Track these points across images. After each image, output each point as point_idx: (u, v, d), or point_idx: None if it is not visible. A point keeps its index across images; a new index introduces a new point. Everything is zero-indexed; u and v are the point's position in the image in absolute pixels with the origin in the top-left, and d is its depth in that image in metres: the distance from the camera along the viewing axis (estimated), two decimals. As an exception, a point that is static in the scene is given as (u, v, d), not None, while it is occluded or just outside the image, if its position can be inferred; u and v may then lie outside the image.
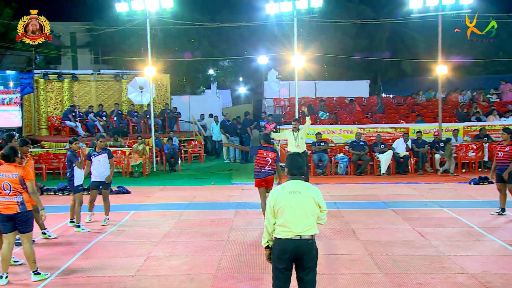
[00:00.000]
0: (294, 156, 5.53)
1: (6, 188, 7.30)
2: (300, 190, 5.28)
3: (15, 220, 7.36)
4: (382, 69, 33.71)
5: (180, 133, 23.39)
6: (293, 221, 5.18)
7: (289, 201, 5.22)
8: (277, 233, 5.26)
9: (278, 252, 5.24)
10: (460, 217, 10.94)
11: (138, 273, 7.65)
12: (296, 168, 5.43)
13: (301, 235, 5.19)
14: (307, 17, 19.23)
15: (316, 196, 5.32)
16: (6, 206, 7.31)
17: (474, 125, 19.99)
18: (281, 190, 5.34)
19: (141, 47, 26.39)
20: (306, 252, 5.23)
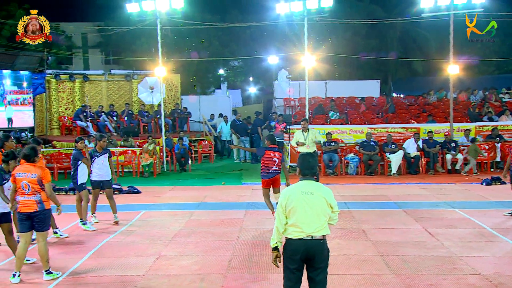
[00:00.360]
0: (306, 156, 5.51)
1: (24, 187, 7.39)
2: (312, 191, 5.26)
3: (33, 219, 7.43)
4: (393, 69, 33.55)
5: (191, 133, 23.44)
6: (304, 221, 5.17)
7: (301, 202, 5.20)
8: (289, 233, 5.24)
9: (290, 252, 5.22)
10: (472, 217, 10.86)
11: (148, 273, 7.67)
12: (308, 169, 5.40)
13: (313, 235, 5.17)
14: (317, 17, 19.19)
15: (328, 196, 5.30)
16: (25, 204, 7.39)
17: (486, 125, 19.84)
18: (293, 190, 5.31)
19: (151, 47, 26.49)
20: (318, 252, 5.21)
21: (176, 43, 29.83)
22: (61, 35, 32.05)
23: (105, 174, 10.92)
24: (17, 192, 7.45)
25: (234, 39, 33.06)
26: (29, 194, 7.38)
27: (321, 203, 5.25)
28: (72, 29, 33.73)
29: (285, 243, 5.29)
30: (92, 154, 10.88)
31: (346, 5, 30.35)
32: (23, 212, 7.40)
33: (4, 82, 20.08)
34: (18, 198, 7.44)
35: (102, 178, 10.89)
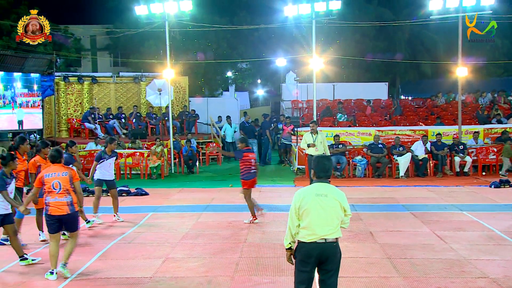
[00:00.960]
0: (321, 158, 5.47)
1: (55, 186, 7.45)
2: (327, 193, 5.25)
3: (64, 221, 7.54)
4: (401, 71, 33.46)
5: (198, 135, 23.48)
6: (318, 224, 5.15)
7: (315, 204, 5.18)
8: (302, 236, 5.21)
9: (303, 255, 5.20)
10: (481, 220, 10.80)
11: (156, 275, 7.69)
12: (323, 171, 5.36)
13: (326, 238, 5.16)
14: (325, 19, 19.20)
15: (341, 199, 5.29)
16: (56, 206, 7.44)
17: (494, 127, 19.73)
18: (307, 192, 5.30)
19: (160, 50, 26.56)
20: (331, 255, 5.20)
21: (184, 45, 29.90)
22: (70, 38, 32.20)
23: (109, 174, 11.15)
24: (47, 193, 7.49)
25: (242, 41, 33.08)
26: (60, 194, 7.44)
27: (335, 205, 5.24)
28: (81, 31, 33.88)
29: (297, 246, 5.28)
30: (102, 156, 11.00)
31: (354, 7, 30.31)
32: (54, 214, 7.45)
33: (15, 85, 20.20)
34: (48, 199, 7.48)
35: (105, 178, 11.08)
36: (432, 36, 31.60)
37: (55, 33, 28.98)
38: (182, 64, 27.47)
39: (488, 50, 30.66)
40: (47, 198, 7.49)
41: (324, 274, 5.26)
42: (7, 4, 28.66)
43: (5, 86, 19.75)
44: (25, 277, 7.66)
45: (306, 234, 5.18)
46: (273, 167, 20.48)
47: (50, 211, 7.45)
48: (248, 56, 32.21)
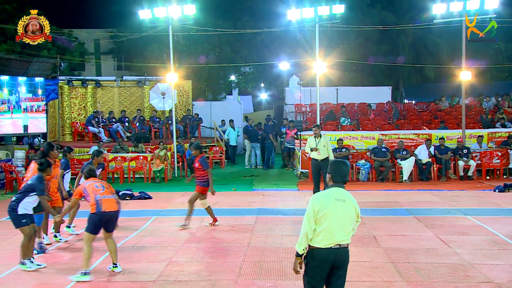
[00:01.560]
0: (339, 163, 5.40)
1: (98, 186, 7.86)
2: (344, 199, 5.21)
3: (112, 219, 7.86)
4: (405, 75, 33.46)
5: (202, 139, 23.49)
6: (334, 229, 5.10)
7: (334, 208, 5.12)
8: (316, 242, 5.13)
9: (318, 261, 5.13)
10: (485, 225, 10.76)
11: (159, 279, 7.68)
12: (341, 176, 5.32)
13: (341, 243, 5.13)
14: (328, 23, 19.20)
15: (357, 206, 5.27)
16: (109, 203, 7.77)
17: (498, 131, 19.69)
18: (326, 196, 5.22)
19: (163, 54, 26.65)
20: (344, 260, 5.19)
21: (188, 49, 29.99)
22: (74, 42, 32.33)
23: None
24: (92, 194, 7.75)
25: (246, 45, 33.15)
26: (105, 192, 7.80)
27: (351, 211, 5.21)
28: (85, 35, 34.02)
29: (311, 252, 5.19)
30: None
31: (358, 11, 30.35)
32: (108, 211, 7.72)
33: (19, 89, 20.27)
34: (97, 198, 7.72)
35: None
36: (435, 39, 31.60)
37: (59, 37, 29.13)
38: (186, 68, 27.53)
39: (492, 53, 30.65)
40: (96, 196, 7.73)
41: (334, 278, 5.21)
42: (12, 9, 28.81)
43: (9, 90, 19.82)
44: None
45: (322, 240, 5.11)
46: (276, 171, 20.46)
47: (104, 208, 7.69)
48: (251, 60, 32.27)
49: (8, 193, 16.23)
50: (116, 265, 8.01)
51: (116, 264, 8.01)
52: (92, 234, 7.73)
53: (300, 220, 11.58)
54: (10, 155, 18.71)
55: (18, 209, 8.05)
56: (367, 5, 32.67)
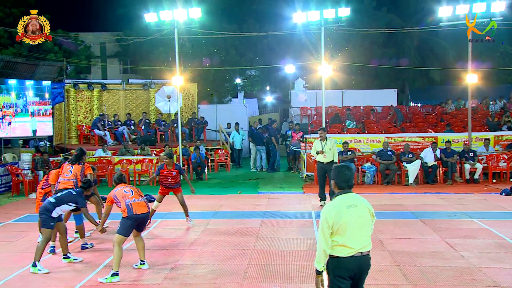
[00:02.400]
0: (341, 168, 5.24)
1: (127, 191, 8.11)
2: (356, 203, 5.10)
3: (143, 220, 8.15)
4: (411, 78, 33.35)
5: (207, 142, 23.52)
6: (354, 238, 5.00)
7: (349, 217, 5.00)
8: (338, 251, 5.01)
9: (342, 271, 5.01)
10: (491, 228, 10.71)
11: (164, 282, 7.69)
12: (345, 181, 5.16)
13: (362, 251, 5.04)
14: (334, 26, 19.18)
15: (369, 206, 5.20)
16: (140, 205, 8.03)
17: (505, 134, 19.60)
18: (337, 206, 5.06)
19: (169, 57, 26.68)
20: (366, 268, 5.14)
21: (193, 53, 30.03)
22: (80, 45, 32.46)
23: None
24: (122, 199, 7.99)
25: (251, 48, 33.16)
26: (135, 196, 8.06)
27: (366, 214, 5.14)
28: (91, 39, 34.16)
29: (333, 261, 5.06)
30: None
31: (363, 14, 30.31)
32: (140, 213, 7.98)
33: (26, 93, 20.36)
34: (127, 202, 7.96)
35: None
36: (441, 42, 31.50)
37: (65, 40, 29.26)
38: (191, 71, 27.57)
39: (498, 56, 30.52)
40: (126, 201, 7.97)
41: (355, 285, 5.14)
42: (19, 12, 28.96)
43: (17, 94, 19.92)
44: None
45: (343, 250, 4.99)
46: (282, 174, 20.45)
47: (135, 211, 7.93)
48: (257, 63, 32.28)
49: (14, 196, 16.29)
50: (144, 262, 8.34)
51: (143, 261, 8.35)
52: (124, 236, 7.93)
53: (305, 223, 11.64)
54: (17, 158, 18.80)
55: (53, 212, 8.40)
56: (373, 8, 32.59)
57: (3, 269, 8.44)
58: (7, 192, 16.83)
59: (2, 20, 28.57)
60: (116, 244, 7.85)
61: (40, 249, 8.27)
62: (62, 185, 9.71)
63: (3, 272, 8.27)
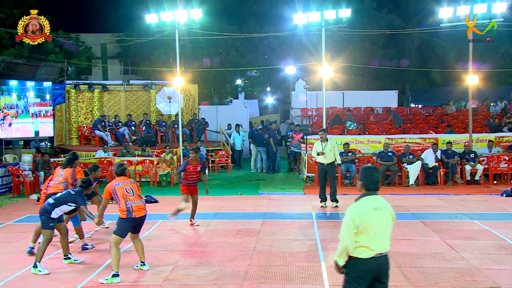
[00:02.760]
0: (371, 170, 5.29)
1: (129, 191, 7.97)
2: (381, 206, 5.14)
3: (141, 223, 8.11)
4: (411, 79, 33.36)
5: (208, 143, 23.51)
6: (377, 239, 5.02)
7: (375, 219, 5.03)
8: (358, 253, 5.03)
9: (361, 272, 5.02)
10: (492, 229, 10.71)
11: (165, 282, 7.69)
12: (373, 183, 5.18)
13: (382, 252, 5.05)
14: (335, 27, 19.17)
15: (392, 210, 5.22)
16: (138, 208, 7.95)
17: (506, 135, 19.59)
18: (364, 207, 5.09)
19: (170, 58, 26.71)
20: (386, 269, 5.13)
21: (194, 54, 30.05)
22: (81, 46, 32.50)
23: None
24: (123, 200, 7.90)
25: (252, 50, 33.19)
26: (135, 198, 7.95)
27: (388, 218, 5.17)
28: (92, 40, 34.22)
29: (352, 262, 5.07)
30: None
31: (364, 15, 30.32)
32: (138, 216, 7.94)
33: (27, 94, 20.38)
34: (128, 204, 7.87)
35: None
36: (442, 43, 31.52)
37: (66, 42, 29.28)
38: (192, 72, 27.59)
39: (499, 57, 30.52)
40: (127, 203, 7.88)
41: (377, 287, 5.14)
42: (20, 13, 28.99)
43: (18, 95, 19.94)
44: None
45: (364, 251, 5.01)
46: (282, 175, 20.45)
47: (135, 214, 7.88)
48: (257, 64, 32.30)
49: (15, 197, 16.30)
50: (144, 263, 8.32)
51: (144, 262, 8.33)
52: (120, 237, 7.91)
53: (306, 225, 11.63)
54: (18, 159, 18.80)
55: (52, 213, 8.39)
56: (373, 9, 32.62)
57: (4, 269, 8.45)
58: (8, 193, 16.84)
59: (3, 21, 28.62)
60: (113, 245, 7.84)
61: (41, 250, 8.28)
62: (52, 189, 9.56)
63: (4, 272, 8.27)
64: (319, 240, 10.00)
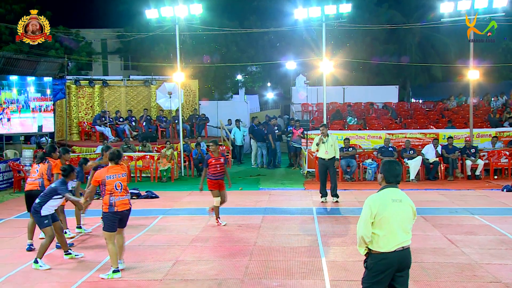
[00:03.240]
0: (393, 163, 5.33)
1: (118, 187, 7.86)
2: (401, 198, 5.16)
3: (126, 216, 8.03)
4: (412, 75, 33.34)
5: (208, 139, 23.44)
6: (396, 231, 5.04)
7: (393, 210, 5.07)
8: (379, 246, 5.07)
9: (382, 266, 5.05)
10: (493, 224, 10.71)
11: (166, 278, 7.70)
12: (394, 176, 5.24)
13: (403, 246, 5.08)
14: (335, 22, 19.13)
15: (413, 205, 5.22)
16: (122, 203, 7.87)
17: (507, 130, 19.58)
18: (382, 198, 5.15)
19: (170, 53, 26.69)
20: (408, 263, 5.15)
21: (195, 49, 30.02)
22: (81, 41, 32.45)
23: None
24: (108, 194, 7.81)
25: (252, 45, 33.15)
26: (121, 194, 7.86)
27: (408, 211, 5.17)
28: (92, 35, 34.15)
29: (374, 257, 5.10)
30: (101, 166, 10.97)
31: (365, 11, 30.26)
32: (121, 210, 7.86)
33: (28, 89, 20.39)
34: (112, 200, 7.78)
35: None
36: (443, 39, 31.47)
37: (66, 37, 29.23)
38: (192, 68, 27.57)
39: (500, 52, 30.47)
40: (111, 198, 7.79)
41: (398, 282, 5.14)
42: (20, 9, 28.97)
43: (18, 90, 19.95)
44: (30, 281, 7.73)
45: (385, 244, 5.04)
46: (282, 170, 20.44)
47: (117, 209, 7.80)
48: (258, 59, 32.25)
49: (16, 192, 16.31)
50: (120, 262, 8.08)
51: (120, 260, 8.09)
52: (111, 232, 7.83)
53: (306, 220, 11.64)
54: (18, 154, 18.82)
55: (42, 211, 8.33)
56: (374, 4, 32.58)
57: (6, 264, 8.47)
58: (9, 188, 16.85)
59: (3, 16, 28.58)
60: (108, 241, 7.80)
61: (43, 246, 8.27)
62: (29, 185, 9.52)
63: (6, 267, 8.29)
64: (320, 235, 10.00)
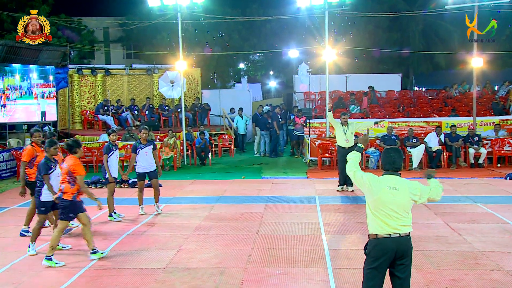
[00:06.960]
0: (388, 150, 5.44)
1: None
2: (398, 186, 5.19)
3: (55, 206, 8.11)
4: (415, 63, 33.20)
5: (211, 127, 23.51)
6: (390, 217, 5.09)
7: (386, 197, 5.13)
8: (374, 228, 5.14)
9: (379, 251, 5.08)
10: (496, 212, 10.70)
11: (169, 266, 7.73)
12: (390, 163, 5.33)
13: (400, 233, 5.09)
14: (338, 10, 19.03)
15: (413, 191, 5.21)
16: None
17: (510, 118, 19.51)
18: (379, 181, 5.31)
19: (172, 42, 26.63)
20: (407, 250, 5.15)
21: (197, 37, 29.93)
22: (84, 30, 32.36)
23: (149, 165, 11.05)
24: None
25: (255, 33, 33.04)
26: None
27: (404, 199, 5.17)
28: (94, 23, 34.05)
29: (372, 242, 5.16)
30: (137, 146, 10.99)
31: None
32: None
33: (31, 75, 20.44)
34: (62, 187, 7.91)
35: (146, 170, 11.06)
36: (446, 26, 31.27)
37: (68, 26, 29.15)
38: (195, 56, 27.48)
39: (504, 40, 30.25)
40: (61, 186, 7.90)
41: (398, 269, 5.16)
42: (22, -3, 28.91)
43: (21, 77, 19.99)
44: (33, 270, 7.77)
45: (380, 227, 5.10)
46: (285, 159, 20.44)
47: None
48: (260, 48, 32.15)
49: (19, 181, 16.33)
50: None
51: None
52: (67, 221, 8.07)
53: (309, 208, 11.62)
54: (22, 143, 18.84)
55: (42, 194, 8.30)
56: (377, -9, 32.37)
57: (9, 253, 8.51)
58: (12, 177, 16.89)
59: (4, 5, 28.47)
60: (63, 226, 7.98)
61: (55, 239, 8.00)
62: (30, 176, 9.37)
63: (9, 255, 8.32)
64: (322, 224, 10.01)
